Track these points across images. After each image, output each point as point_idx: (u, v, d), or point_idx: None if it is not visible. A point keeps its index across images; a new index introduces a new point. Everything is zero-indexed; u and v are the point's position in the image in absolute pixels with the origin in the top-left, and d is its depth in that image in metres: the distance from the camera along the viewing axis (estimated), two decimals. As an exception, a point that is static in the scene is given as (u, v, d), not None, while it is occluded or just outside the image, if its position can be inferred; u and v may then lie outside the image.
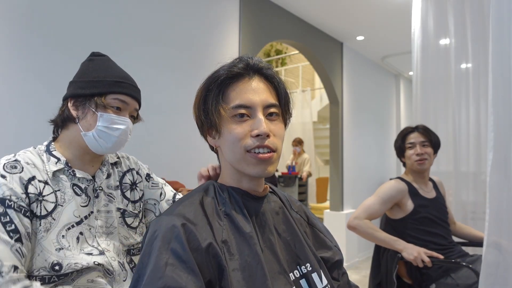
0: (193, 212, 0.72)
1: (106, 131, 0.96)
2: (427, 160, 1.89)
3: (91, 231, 0.97)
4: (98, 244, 0.97)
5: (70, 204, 0.94)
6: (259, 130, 0.73)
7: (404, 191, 1.88)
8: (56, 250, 0.89)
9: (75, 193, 0.97)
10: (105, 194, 1.04)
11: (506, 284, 1.33)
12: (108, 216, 1.02)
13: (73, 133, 0.99)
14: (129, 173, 1.13)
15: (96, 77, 0.98)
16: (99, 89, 0.97)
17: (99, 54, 1.05)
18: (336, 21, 3.58)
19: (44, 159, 0.96)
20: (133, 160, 1.18)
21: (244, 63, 0.78)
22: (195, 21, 2.44)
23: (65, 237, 0.91)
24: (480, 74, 2.30)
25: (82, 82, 0.98)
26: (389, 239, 1.76)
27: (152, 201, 1.16)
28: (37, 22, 1.68)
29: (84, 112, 0.97)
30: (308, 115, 6.71)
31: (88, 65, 1.02)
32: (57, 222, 0.91)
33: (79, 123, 0.97)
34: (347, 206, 4.17)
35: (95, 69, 1.00)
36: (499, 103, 1.36)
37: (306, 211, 0.95)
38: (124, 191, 1.09)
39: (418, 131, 1.93)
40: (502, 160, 1.36)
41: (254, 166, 0.74)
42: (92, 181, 1.01)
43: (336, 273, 0.88)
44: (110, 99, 0.97)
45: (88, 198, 0.99)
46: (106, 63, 1.03)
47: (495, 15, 1.37)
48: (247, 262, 0.70)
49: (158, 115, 2.18)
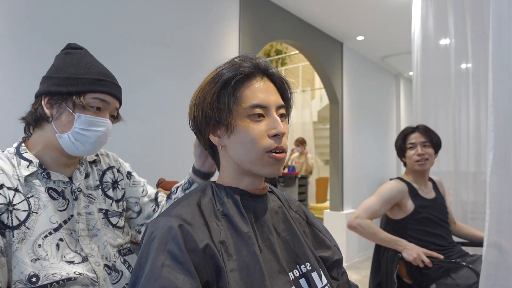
0: (190, 213, 0.72)
1: (84, 133, 0.88)
2: (428, 160, 1.88)
3: (73, 235, 0.90)
4: (81, 249, 0.90)
5: (46, 210, 0.86)
6: (277, 130, 0.74)
7: (404, 191, 1.88)
8: (32, 261, 0.81)
9: (51, 197, 0.89)
10: (85, 196, 0.96)
11: (506, 284, 1.33)
12: (89, 218, 0.95)
13: (48, 133, 0.90)
14: (110, 171, 1.06)
15: (74, 73, 0.88)
16: (78, 87, 0.88)
17: (76, 46, 0.96)
18: (336, 21, 3.58)
19: (14, 163, 0.87)
20: (113, 158, 1.10)
21: (251, 62, 0.78)
22: (195, 21, 2.44)
23: (42, 246, 0.83)
24: (480, 74, 2.29)
25: (58, 79, 0.88)
26: (390, 239, 1.76)
27: (133, 199, 1.10)
28: (38, 22, 1.68)
29: (59, 111, 0.88)
30: (308, 115, 6.71)
31: (64, 59, 0.92)
32: (32, 231, 0.83)
33: (53, 123, 0.88)
34: (347, 206, 4.16)
35: (73, 64, 0.90)
36: (499, 103, 1.36)
37: (305, 210, 0.95)
38: (105, 190, 1.03)
39: (419, 131, 1.93)
40: (502, 160, 1.36)
41: (270, 166, 0.75)
42: (70, 183, 0.93)
43: (336, 272, 0.88)
44: (90, 99, 0.89)
45: (66, 201, 0.91)
46: (85, 58, 0.93)
47: (495, 15, 1.37)
48: (245, 262, 0.69)
49: (158, 115, 2.18)
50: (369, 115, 4.75)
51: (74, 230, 0.90)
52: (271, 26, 3.08)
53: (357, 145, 4.42)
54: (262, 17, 2.99)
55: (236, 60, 0.79)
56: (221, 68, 0.78)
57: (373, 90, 4.90)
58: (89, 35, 1.86)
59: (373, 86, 4.89)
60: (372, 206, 1.82)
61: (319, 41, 3.75)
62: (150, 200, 1.13)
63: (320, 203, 6.07)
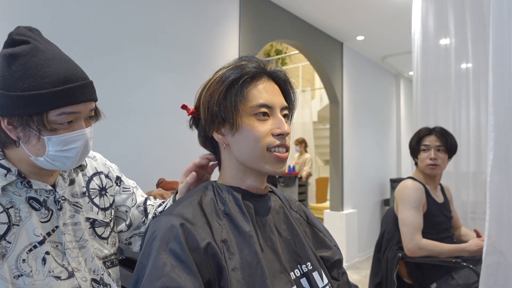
0: (191, 212, 0.72)
1: (61, 154, 0.76)
2: (439, 166, 1.84)
3: (59, 248, 0.81)
4: (68, 263, 0.81)
5: (29, 221, 0.77)
6: (282, 129, 0.76)
7: (423, 191, 1.84)
8: (15, 278, 0.73)
9: (33, 208, 0.79)
10: (70, 204, 0.86)
11: (506, 284, 1.33)
12: (76, 229, 0.85)
13: (21, 153, 0.77)
14: (96, 177, 0.95)
15: (25, 89, 0.70)
16: (35, 107, 0.70)
17: (21, 41, 0.74)
18: (336, 21, 3.58)
19: None
20: (100, 161, 0.99)
21: (257, 63, 0.81)
22: (195, 21, 2.44)
23: (26, 261, 0.75)
24: (480, 74, 2.29)
25: (8, 98, 0.70)
26: (455, 249, 1.72)
27: (124, 208, 1.00)
28: (38, 22, 1.68)
29: (26, 134, 0.73)
30: (308, 115, 6.72)
31: (9, 68, 0.71)
32: (14, 245, 0.74)
33: (24, 146, 0.75)
34: (347, 206, 4.16)
35: (22, 75, 0.70)
36: (499, 103, 1.36)
37: (305, 210, 0.95)
38: (92, 197, 0.92)
39: (435, 135, 1.87)
40: (502, 160, 1.36)
41: (273, 164, 0.77)
42: (53, 191, 0.82)
43: (336, 272, 0.88)
44: (54, 116, 0.72)
45: (50, 211, 0.81)
46: (34, 60, 0.72)
47: (495, 15, 1.37)
48: (247, 261, 0.70)
49: (158, 115, 2.18)
50: (369, 115, 4.75)
51: (60, 242, 0.82)
52: (271, 26, 3.08)
53: (357, 145, 4.42)
54: (262, 17, 2.99)
55: (242, 61, 0.81)
56: (227, 68, 0.80)
57: (373, 90, 4.90)
58: (88, 34, 1.86)
59: (373, 86, 4.89)
60: (415, 221, 1.75)
61: (319, 41, 3.75)
62: (140, 212, 1.04)
63: (320, 203, 6.07)
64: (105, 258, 0.91)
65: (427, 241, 1.73)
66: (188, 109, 0.83)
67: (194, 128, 0.87)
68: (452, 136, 1.89)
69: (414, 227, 1.74)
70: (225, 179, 0.82)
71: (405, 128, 5.58)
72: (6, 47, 0.75)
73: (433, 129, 1.91)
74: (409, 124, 5.61)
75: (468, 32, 2.32)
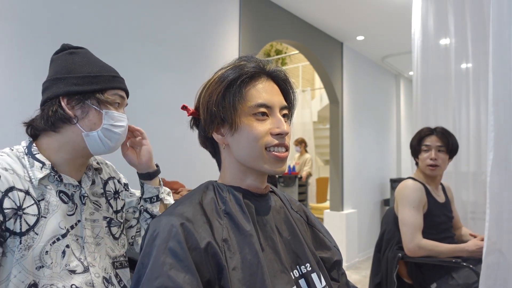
0: (192, 211, 0.72)
1: (112, 129, 0.89)
2: (439, 167, 1.84)
3: (79, 241, 0.87)
4: (85, 257, 0.87)
5: (55, 214, 0.83)
6: (281, 129, 0.76)
7: (424, 191, 1.84)
8: (36, 269, 0.78)
9: (62, 201, 0.86)
10: (91, 202, 0.94)
11: (506, 284, 1.33)
12: (94, 226, 0.93)
13: (67, 136, 0.87)
14: (111, 181, 1.05)
15: (90, 71, 0.88)
16: (99, 84, 0.88)
17: (76, 46, 0.94)
18: (336, 21, 3.58)
19: (25, 163, 0.83)
20: (112, 168, 1.09)
21: (256, 63, 0.80)
22: (195, 21, 2.44)
23: (49, 252, 0.80)
24: (480, 74, 2.29)
25: (75, 78, 0.86)
26: (453, 249, 1.72)
27: (132, 209, 1.10)
28: (37, 22, 1.68)
29: (84, 110, 0.87)
30: (308, 115, 6.71)
31: (73, 59, 0.90)
32: (41, 237, 0.79)
33: (79, 124, 0.86)
34: (347, 206, 4.16)
35: (85, 63, 0.89)
36: (499, 103, 1.36)
37: (305, 211, 0.95)
38: (108, 199, 1.01)
39: (437, 135, 1.87)
40: (502, 160, 1.36)
41: (272, 164, 0.77)
42: (79, 187, 0.91)
43: (335, 273, 0.88)
44: (111, 95, 0.90)
45: (75, 205, 0.89)
46: (92, 57, 0.93)
47: (495, 15, 1.37)
48: (247, 261, 0.70)
49: (158, 115, 2.18)
50: (369, 115, 4.75)
51: (81, 236, 0.88)
52: (271, 26, 3.08)
53: (357, 145, 4.42)
54: (262, 17, 2.99)
55: (241, 61, 0.81)
56: (226, 68, 0.80)
57: (373, 90, 4.90)
58: (89, 34, 1.86)
59: (373, 86, 4.89)
60: (415, 221, 1.75)
61: (319, 41, 3.75)
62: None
63: (320, 203, 6.07)
64: (114, 258, 0.96)
65: (427, 241, 1.73)
66: (188, 110, 0.84)
67: (195, 128, 0.87)
68: (454, 136, 1.89)
69: (414, 227, 1.75)
70: (225, 179, 0.82)
71: (405, 128, 5.58)
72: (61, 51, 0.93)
73: (434, 129, 1.91)
74: (409, 124, 5.60)
75: (468, 32, 2.32)
